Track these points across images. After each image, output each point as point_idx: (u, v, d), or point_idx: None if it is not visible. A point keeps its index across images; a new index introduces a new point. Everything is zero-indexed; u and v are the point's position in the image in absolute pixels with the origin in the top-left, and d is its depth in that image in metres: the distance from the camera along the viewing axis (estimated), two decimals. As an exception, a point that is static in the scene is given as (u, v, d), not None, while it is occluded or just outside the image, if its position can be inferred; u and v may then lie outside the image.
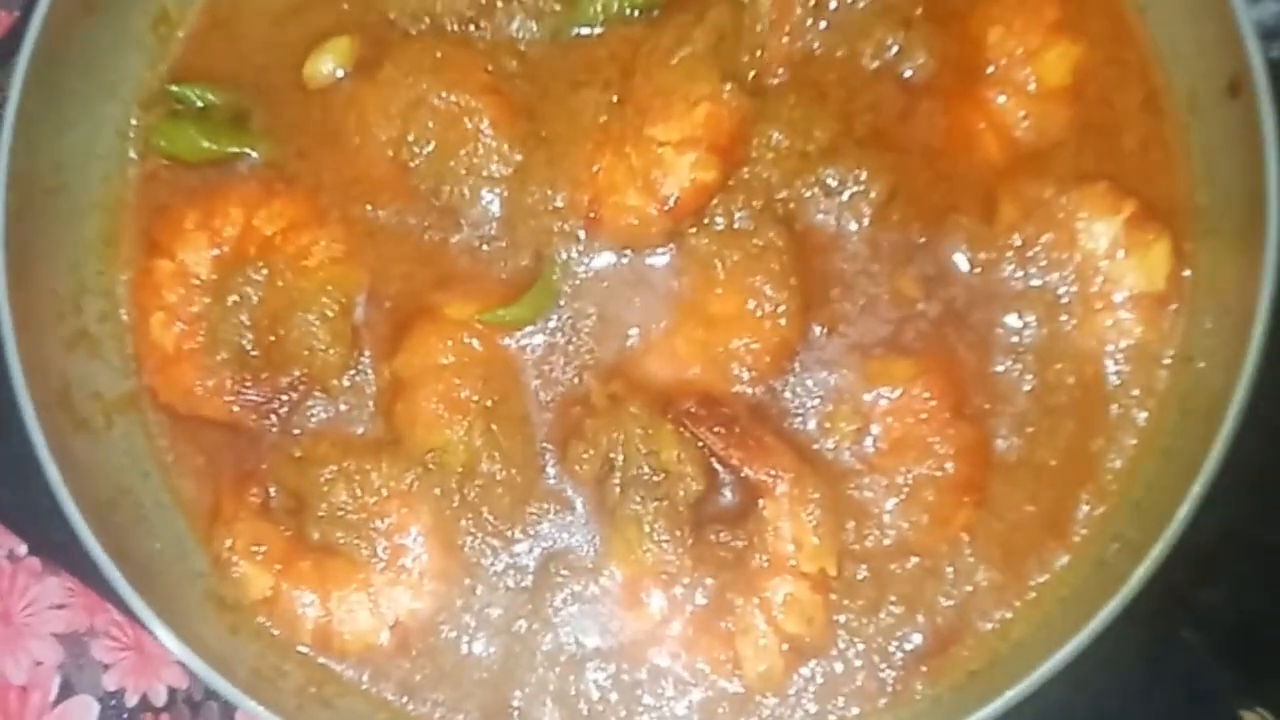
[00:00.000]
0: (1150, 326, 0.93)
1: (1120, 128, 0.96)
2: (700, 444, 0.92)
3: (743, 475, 0.92)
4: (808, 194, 0.96)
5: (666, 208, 0.93)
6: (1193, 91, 0.93)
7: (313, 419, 0.98)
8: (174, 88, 1.01)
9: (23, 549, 1.13)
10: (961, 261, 0.95)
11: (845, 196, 0.95)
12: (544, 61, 0.98)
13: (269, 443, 0.97)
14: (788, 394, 0.95)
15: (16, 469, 0.93)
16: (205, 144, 0.99)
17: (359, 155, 0.99)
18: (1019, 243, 0.94)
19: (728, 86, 0.93)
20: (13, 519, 1.12)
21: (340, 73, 1.00)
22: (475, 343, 0.95)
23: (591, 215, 0.95)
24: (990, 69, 0.96)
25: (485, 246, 0.98)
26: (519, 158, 0.96)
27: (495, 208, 0.97)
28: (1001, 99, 0.96)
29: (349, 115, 0.99)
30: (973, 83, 0.96)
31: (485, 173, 0.97)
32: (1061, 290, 0.93)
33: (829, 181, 0.95)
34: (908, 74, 0.97)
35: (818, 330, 0.95)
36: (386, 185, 0.99)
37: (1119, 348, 0.93)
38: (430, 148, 0.97)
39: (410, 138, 0.97)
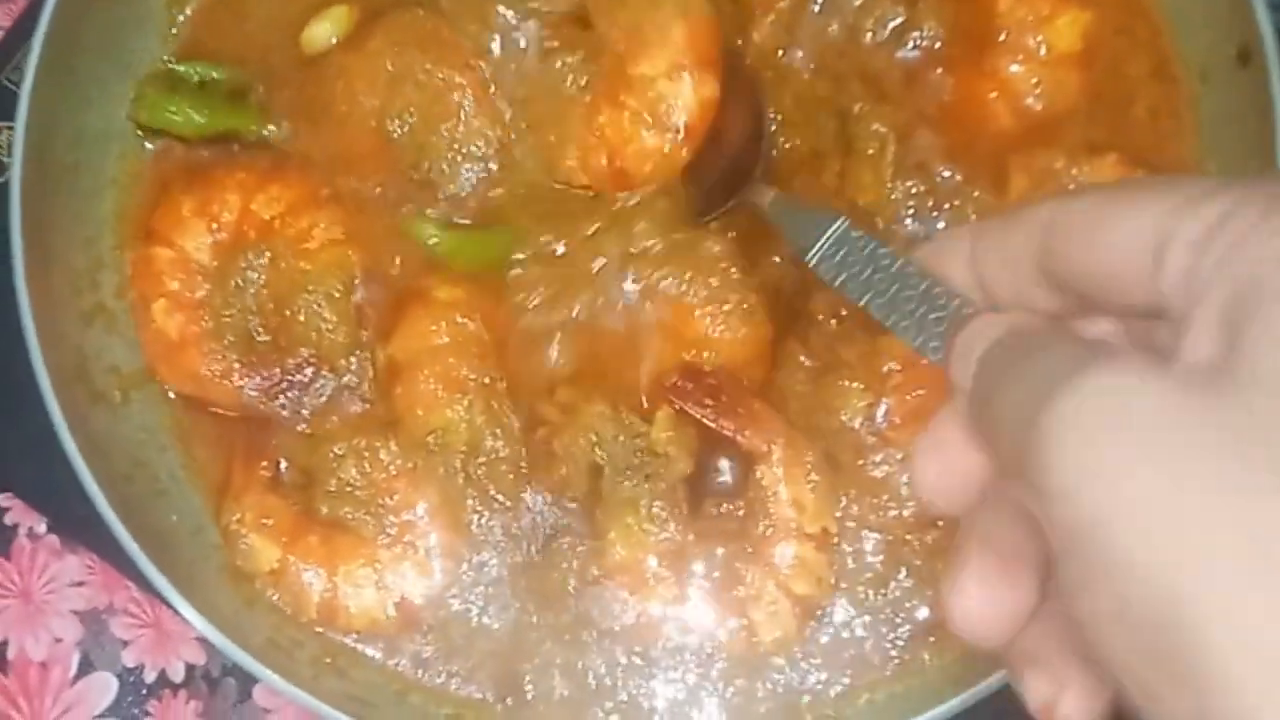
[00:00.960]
0: (1160, 296, 0.92)
1: (1131, 97, 0.96)
2: (694, 415, 0.92)
3: (736, 443, 0.92)
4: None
5: (680, 136, 0.93)
6: (1203, 60, 0.93)
7: (322, 398, 0.98)
8: (175, 65, 1.01)
9: (42, 527, 1.14)
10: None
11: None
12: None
13: (279, 420, 0.98)
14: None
15: (37, 446, 0.93)
16: (198, 119, 0.99)
17: (345, 125, 0.98)
18: (1029, 214, 0.93)
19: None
20: (33, 495, 1.12)
21: (335, 39, 0.99)
22: (469, 323, 0.95)
23: (616, 168, 0.94)
24: (1002, 36, 0.95)
25: (468, 224, 0.97)
26: (508, 136, 0.96)
27: (473, 184, 0.97)
28: (1014, 67, 0.95)
29: (337, 84, 0.99)
30: (983, 51, 0.96)
31: (466, 150, 0.96)
32: (1071, 261, 0.93)
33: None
34: (915, 44, 0.96)
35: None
36: (370, 157, 0.98)
37: (1130, 316, 0.93)
38: (413, 121, 0.97)
39: (394, 109, 0.97)
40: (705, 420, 0.91)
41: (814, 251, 0.72)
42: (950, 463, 0.55)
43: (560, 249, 0.95)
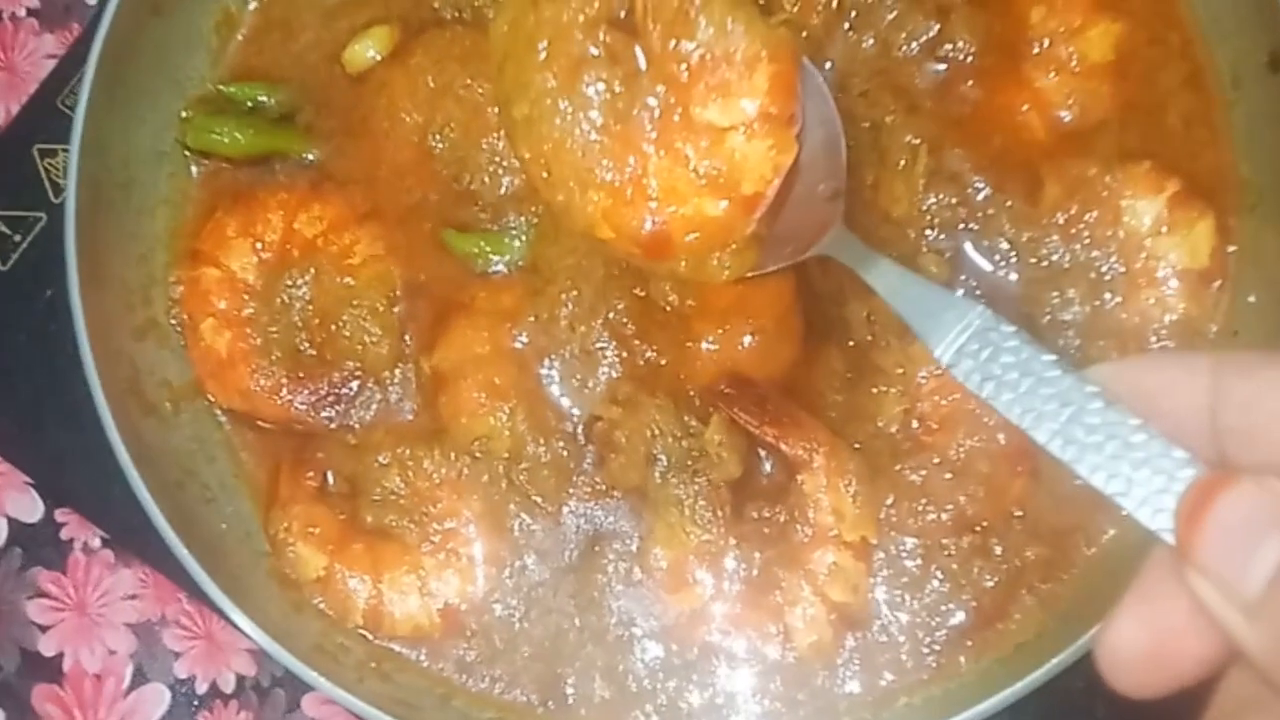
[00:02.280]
0: (1194, 302, 0.92)
1: (1163, 106, 0.96)
2: (740, 422, 0.93)
3: (779, 451, 0.92)
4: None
5: (745, 206, 0.80)
6: (1235, 67, 0.93)
7: (368, 410, 0.99)
8: (223, 88, 1.04)
9: (96, 541, 1.16)
10: (1003, 242, 0.95)
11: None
12: None
13: (324, 431, 1.00)
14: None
15: (94, 462, 0.95)
16: (242, 140, 1.01)
17: (388, 140, 1.00)
18: (1062, 221, 0.93)
19: (777, 24, 0.77)
20: (91, 508, 1.15)
21: (377, 56, 1.01)
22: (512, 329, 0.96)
23: (656, 233, 0.83)
24: (1034, 49, 0.96)
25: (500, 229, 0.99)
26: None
27: (514, 195, 0.98)
28: (1047, 78, 0.96)
29: (379, 100, 1.00)
30: (1016, 63, 0.96)
31: (507, 162, 0.97)
32: (1105, 268, 0.93)
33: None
34: (947, 57, 0.97)
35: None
36: (411, 171, 1.00)
37: (1163, 324, 0.93)
38: (454, 134, 0.98)
39: (436, 123, 0.98)
40: (749, 427, 0.92)
41: (945, 346, 0.61)
42: (1166, 644, 0.45)
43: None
